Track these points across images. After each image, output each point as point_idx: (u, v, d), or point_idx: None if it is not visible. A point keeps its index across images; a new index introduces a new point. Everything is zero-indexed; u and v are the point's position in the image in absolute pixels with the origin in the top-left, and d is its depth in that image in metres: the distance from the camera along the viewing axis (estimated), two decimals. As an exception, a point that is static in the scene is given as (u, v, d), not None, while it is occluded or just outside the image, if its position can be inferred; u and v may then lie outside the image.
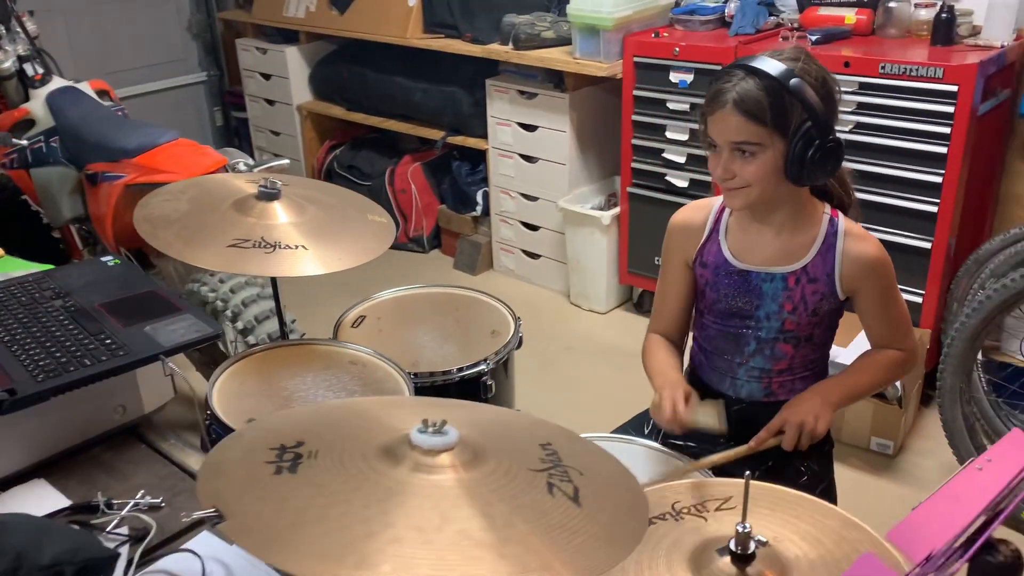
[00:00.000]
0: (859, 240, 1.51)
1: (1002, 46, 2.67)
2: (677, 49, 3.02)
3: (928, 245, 2.69)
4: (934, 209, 2.66)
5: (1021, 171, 2.94)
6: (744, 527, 1.07)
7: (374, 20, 4.01)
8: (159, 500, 1.16)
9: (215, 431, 1.55)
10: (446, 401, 1.66)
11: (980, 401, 2.60)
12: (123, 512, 1.15)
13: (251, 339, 2.47)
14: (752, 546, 1.08)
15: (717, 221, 1.59)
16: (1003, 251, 2.73)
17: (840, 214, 1.54)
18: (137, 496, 1.17)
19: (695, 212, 1.62)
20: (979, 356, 2.55)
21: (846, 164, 1.53)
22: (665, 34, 3.15)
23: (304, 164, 4.56)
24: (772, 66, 1.38)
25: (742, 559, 1.08)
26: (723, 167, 1.44)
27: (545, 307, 2.10)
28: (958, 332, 2.43)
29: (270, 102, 4.60)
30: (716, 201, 1.61)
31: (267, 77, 4.54)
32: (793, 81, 1.37)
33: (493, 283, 3.77)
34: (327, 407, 1.16)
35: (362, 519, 0.85)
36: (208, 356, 2.60)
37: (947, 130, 2.57)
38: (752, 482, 1.31)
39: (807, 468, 1.59)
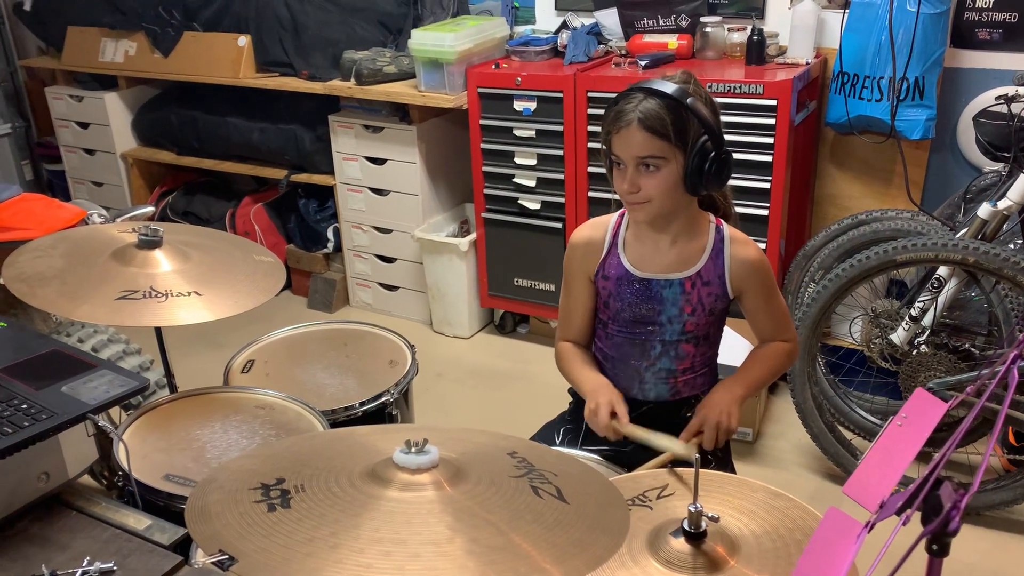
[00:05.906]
0: (743, 245, 1.66)
1: (807, 63, 3.00)
2: (519, 79, 3.15)
3: (763, 246, 2.95)
4: (765, 213, 2.93)
5: (831, 173, 3.29)
6: (696, 506, 1.16)
7: (202, 62, 3.91)
8: (111, 564, 1.11)
9: (129, 491, 1.48)
10: (393, 427, 1.67)
11: (821, 382, 2.87)
12: (73, 582, 1.09)
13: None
14: (704, 524, 1.17)
15: (615, 235, 1.69)
16: (826, 246, 3.04)
17: (723, 222, 1.69)
18: (84, 564, 1.11)
19: (594, 229, 1.72)
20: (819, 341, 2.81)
21: None
22: (504, 65, 3.28)
23: (134, 214, 4.33)
24: (668, 87, 1.51)
25: (695, 537, 1.17)
26: (629, 182, 1.55)
27: (409, 337, 2.15)
28: (802, 321, 2.68)
29: (89, 152, 4.36)
30: (612, 217, 1.71)
31: (84, 126, 4.30)
32: (689, 99, 1.50)
33: (352, 319, 3.73)
34: (284, 445, 1.15)
35: (374, 540, 0.87)
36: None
37: (771, 140, 2.84)
38: (680, 469, 1.42)
39: (712, 455, 1.72)
